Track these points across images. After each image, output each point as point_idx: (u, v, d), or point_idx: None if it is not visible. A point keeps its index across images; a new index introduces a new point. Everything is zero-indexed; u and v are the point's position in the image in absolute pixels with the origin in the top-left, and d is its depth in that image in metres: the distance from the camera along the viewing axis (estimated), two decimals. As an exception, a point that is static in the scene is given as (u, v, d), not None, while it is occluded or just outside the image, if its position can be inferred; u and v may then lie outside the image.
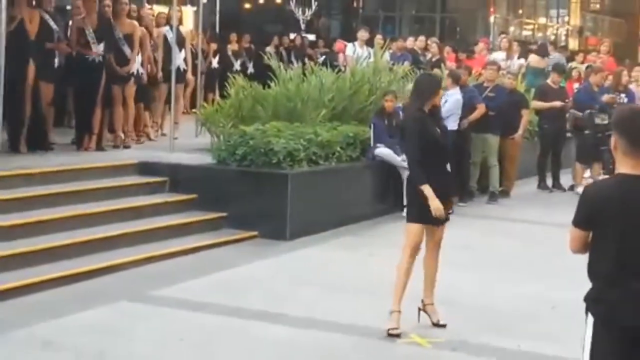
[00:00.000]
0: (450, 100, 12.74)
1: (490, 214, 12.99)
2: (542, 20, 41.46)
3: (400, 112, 12.03)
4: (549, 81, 15.81)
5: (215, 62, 20.02)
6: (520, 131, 14.47)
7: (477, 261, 9.82)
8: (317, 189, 11.11)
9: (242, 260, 9.65)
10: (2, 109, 10.06)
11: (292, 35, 24.14)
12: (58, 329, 7.17)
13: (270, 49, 20.82)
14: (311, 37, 25.58)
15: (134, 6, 13.64)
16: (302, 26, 23.42)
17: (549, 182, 15.44)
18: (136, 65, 12.97)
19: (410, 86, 12.66)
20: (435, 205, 7.14)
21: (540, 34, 39.57)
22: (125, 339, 6.99)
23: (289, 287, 8.63)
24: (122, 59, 12.69)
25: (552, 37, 38.30)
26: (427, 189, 7.15)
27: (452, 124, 12.37)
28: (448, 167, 7.58)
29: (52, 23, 12.04)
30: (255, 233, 10.59)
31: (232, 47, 20.72)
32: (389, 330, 7.10)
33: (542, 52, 19.68)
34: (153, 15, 14.85)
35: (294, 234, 10.60)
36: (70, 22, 12.72)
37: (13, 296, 7.86)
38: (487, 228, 11.92)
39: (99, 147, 12.31)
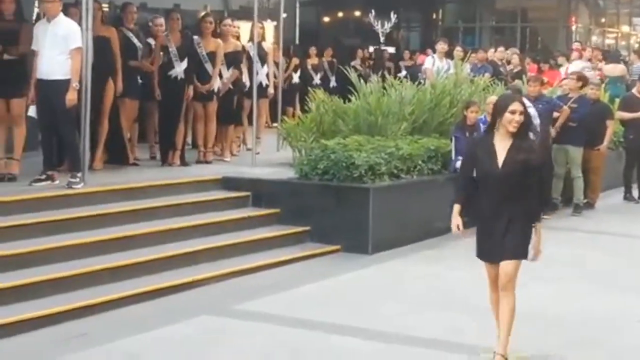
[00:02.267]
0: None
1: (575, 226, 12.81)
2: (625, 28, 40.79)
3: (482, 125, 11.95)
4: (634, 91, 15.56)
5: (296, 77, 20.14)
6: (605, 142, 14.25)
7: (561, 274, 9.68)
8: (398, 203, 11.08)
9: (325, 274, 9.67)
10: (88, 127, 10.24)
11: (371, 48, 24.19)
12: (143, 343, 7.27)
13: (356, 62, 20.88)
14: (391, 49, 25.57)
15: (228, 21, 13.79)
16: (382, 39, 23.38)
17: (635, 193, 15.17)
18: (217, 82, 13.12)
19: (490, 98, 12.66)
20: (453, 222, 6.72)
21: (623, 43, 38.93)
22: (211, 353, 7.05)
23: (372, 301, 8.62)
24: (204, 77, 12.85)
25: (636, 46, 37.63)
26: (455, 208, 6.72)
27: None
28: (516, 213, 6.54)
29: (135, 40, 12.28)
30: (338, 247, 10.61)
31: (312, 61, 20.82)
32: None
33: (613, 59, 19.35)
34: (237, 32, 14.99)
35: (376, 247, 10.60)
36: (153, 40, 12.92)
37: (98, 311, 7.99)
38: (572, 240, 11.74)
39: (183, 163, 12.48)
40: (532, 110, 12.67)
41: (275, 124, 15.75)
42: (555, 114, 13.49)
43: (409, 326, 7.76)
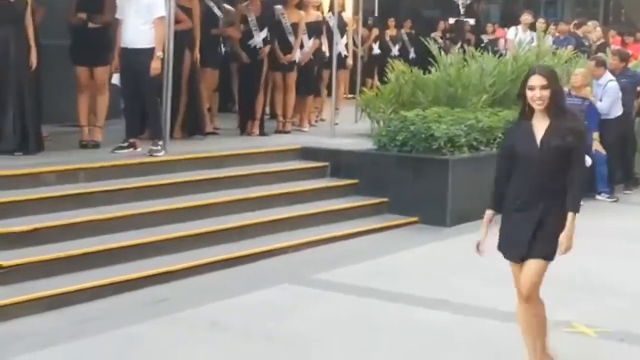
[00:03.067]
0: (609, 87, 12.41)
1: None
2: None
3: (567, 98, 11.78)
4: None
5: (375, 48, 20.07)
6: (689, 117, 13.94)
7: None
8: (478, 175, 10.97)
9: (403, 245, 9.66)
10: (170, 96, 10.34)
11: (451, 20, 23.92)
12: (224, 309, 7.34)
13: (436, 34, 20.71)
14: (471, 21, 25.27)
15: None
16: (462, 10, 23.11)
17: None
18: (298, 53, 13.13)
19: (577, 70, 12.46)
20: (481, 233, 5.82)
21: None
22: (291, 321, 7.09)
23: (449, 274, 8.59)
24: (286, 47, 12.87)
25: None
26: (487, 215, 5.81)
27: (616, 111, 12.08)
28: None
29: (216, 10, 12.35)
30: (416, 219, 10.58)
31: (390, 32, 20.68)
32: None
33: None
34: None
35: (454, 220, 10.54)
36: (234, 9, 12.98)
37: (180, 277, 8.09)
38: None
39: (262, 133, 12.54)
40: (613, 84, 12.46)
41: (353, 95, 15.74)
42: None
43: (484, 299, 7.72)
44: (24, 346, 6.25)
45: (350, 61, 15.15)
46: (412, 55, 19.95)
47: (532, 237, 5.54)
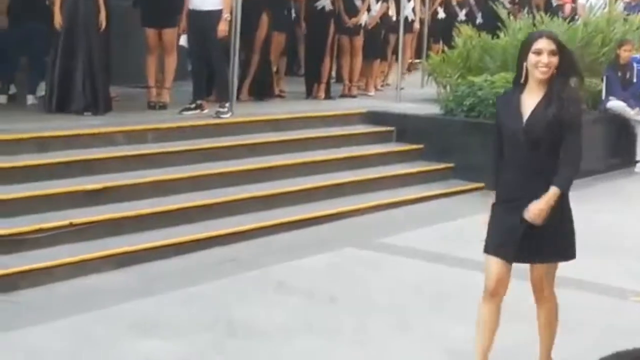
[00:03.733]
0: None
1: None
2: None
3: (635, 64, 11.58)
4: None
5: (441, 12, 19.86)
6: None
7: None
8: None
9: (468, 211, 9.57)
10: (237, 58, 10.36)
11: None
12: (290, 271, 7.39)
13: (504, -1, 20.44)
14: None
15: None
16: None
17: None
18: (364, 17, 13.07)
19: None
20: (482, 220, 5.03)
21: None
22: (355, 284, 7.11)
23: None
24: (352, 10, 12.81)
25: None
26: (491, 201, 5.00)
27: None
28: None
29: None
30: (482, 184, 10.49)
31: (458, -4, 20.44)
32: None
33: None
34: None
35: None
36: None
37: (247, 238, 8.15)
38: None
39: (328, 96, 12.53)
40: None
41: (419, 60, 15.63)
42: None
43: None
44: (96, 301, 6.36)
45: (417, 25, 15.03)
46: (479, 20, 19.71)
47: (531, 237, 4.75)
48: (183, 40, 10.54)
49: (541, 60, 4.72)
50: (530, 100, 4.80)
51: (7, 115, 9.11)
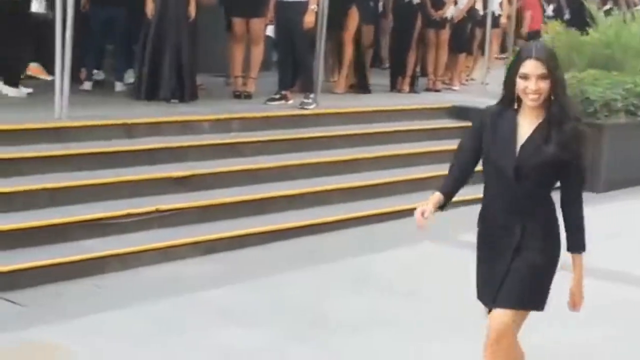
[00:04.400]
0: None
1: None
2: None
3: None
4: None
5: (528, 8, 19.65)
6: None
7: None
8: (634, 142, 10.68)
9: (552, 209, 9.48)
10: (323, 49, 10.38)
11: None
12: (369, 264, 7.39)
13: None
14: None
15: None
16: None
17: None
18: (451, 10, 12.98)
19: None
20: (418, 209, 4.38)
21: None
22: (434, 279, 7.09)
23: (600, 240, 8.34)
24: (438, 3, 12.74)
25: None
26: (433, 196, 4.46)
27: None
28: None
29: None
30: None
31: (546, -8, 20.20)
32: None
33: None
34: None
35: (607, 185, 10.29)
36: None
37: (328, 230, 8.18)
38: None
39: (412, 90, 12.48)
40: None
41: (504, 55, 15.48)
42: None
43: (630, 266, 7.56)
44: (181, 288, 6.46)
45: (504, 20, 14.89)
46: (567, 15, 19.44)
47: (504, 276, 4.12)
48: (270, 31, 10.59)
49: (529, 87, 4.00)
50: (526, 124, 4.08)
51: (95, 102, 9.26)
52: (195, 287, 6.48)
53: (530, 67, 3.99)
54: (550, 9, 19.81)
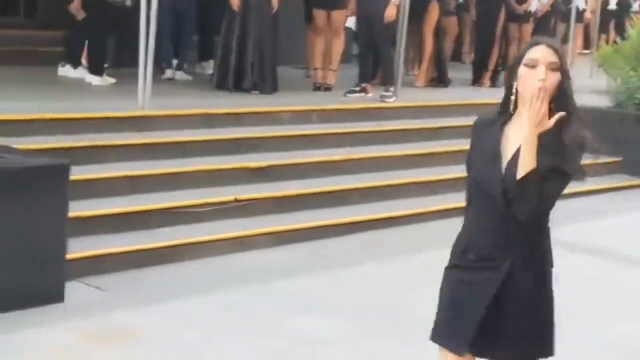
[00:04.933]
0: None
1: None
2: None
3: None
4: None
5: (612, 4, 19.32)
6: None
7: None
8: None
9: (633, 207, 9.33)
10: (404, 43, 10.34)
11: None
12: (438, 259, 7.28)
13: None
14: None
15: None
16: None
17: None
18: (534, 3, 12.83)
19: None
20: None
21: None
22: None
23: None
24: (522, -4, 12.63)
25: None
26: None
27: None
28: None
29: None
30: (651, 181, 10.21)
31: (633, -13, 19.85)
32: None
33: None
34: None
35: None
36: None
37: (404, 223, 8.16)
38: None
39: (493, 84, 12.36)
40: None
41: (587, 50, 15.25)
42: None
43: None
44: (256, 277, 6.50)
45: (588, 15, 14.67)
46: (654, 11, 19.08)
47: (496, 320, 3.39)
48: (350, 22, 10.59)
49: (537, 76, 3.28)
50: (514, 137, 3.35)
51: (176, 92, 9.37)
52: (270, 277, 6.52)
53: (541, 51, 3.32)
54: (636, 5, 19.51)
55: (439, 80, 11.91)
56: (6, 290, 5.48)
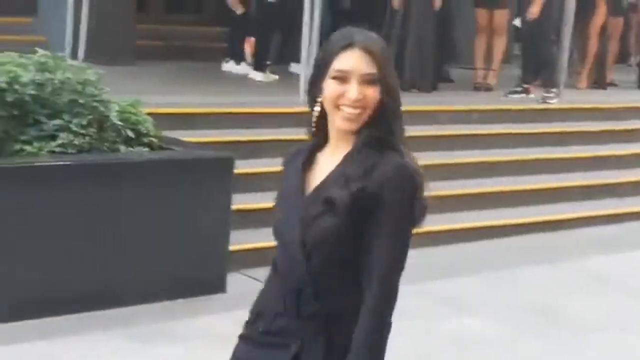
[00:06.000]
0: None
1: None
2: None
3: None
4: None
5: None
6: None
7: None
8: None
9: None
10: (568, 43, 10.12)
11: None
12: (608, 264, 7.17)
13: None
14: None
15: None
16: None
17: None
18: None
19: None
20: None
21: None
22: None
23: None
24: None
25: None
26: None
27: None
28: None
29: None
30: None
31: None
32: None
33: None
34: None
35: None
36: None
37: (566, 227, 8.01)
38: None
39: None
40: None
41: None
42: None
43: None
44: (410, 276, 6.43)
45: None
46: None
47: None
48: (517, 21, 10.46)
49: (347, 94, 2.43)
50: (328, 162, 2.52)
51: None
52: (424, 277, 6.47)
53: (353, 60, 2.43)
54: None
55: (597, 82, 11.57)
56: (171, 279, 5.65)
